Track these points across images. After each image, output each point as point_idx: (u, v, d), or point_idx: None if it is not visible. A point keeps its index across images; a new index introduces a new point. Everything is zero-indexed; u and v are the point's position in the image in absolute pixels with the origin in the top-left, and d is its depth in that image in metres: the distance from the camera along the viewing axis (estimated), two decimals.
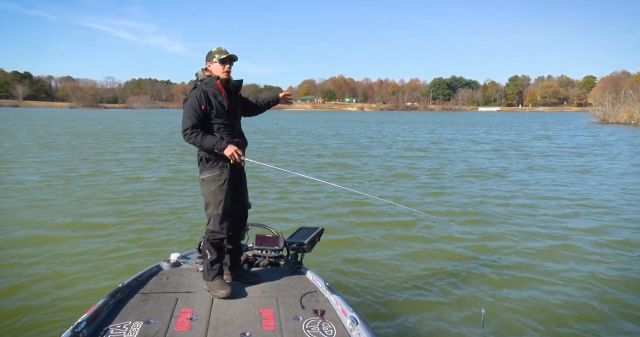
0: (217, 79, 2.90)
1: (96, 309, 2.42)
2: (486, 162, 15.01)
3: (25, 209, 7.66)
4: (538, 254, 5.58)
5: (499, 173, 12.43)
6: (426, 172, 12.56)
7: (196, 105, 2.83)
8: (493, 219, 7.36)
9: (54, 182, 10.30)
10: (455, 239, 6.18)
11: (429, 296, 4.40)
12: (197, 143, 2.85)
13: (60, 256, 5.39)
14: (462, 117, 75.96)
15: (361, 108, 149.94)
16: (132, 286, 2.87)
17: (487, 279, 4.81)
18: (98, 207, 7.86)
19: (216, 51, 2.93)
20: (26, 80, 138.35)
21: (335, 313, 2.57)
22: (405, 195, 9.29)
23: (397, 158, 16.14)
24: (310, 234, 3.31)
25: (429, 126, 40.91)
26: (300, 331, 2.34)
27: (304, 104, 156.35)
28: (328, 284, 2.89)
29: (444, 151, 18.66)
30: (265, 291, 2.88)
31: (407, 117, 67.56)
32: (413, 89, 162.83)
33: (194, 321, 2.42)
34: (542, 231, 6.62)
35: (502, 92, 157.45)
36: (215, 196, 2.90)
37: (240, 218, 3.16)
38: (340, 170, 13.10)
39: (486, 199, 8.84)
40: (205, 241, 2.94)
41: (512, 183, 10.81)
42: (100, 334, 2.25)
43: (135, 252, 5.52)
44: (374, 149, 19.76)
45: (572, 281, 4.68)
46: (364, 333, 2.25)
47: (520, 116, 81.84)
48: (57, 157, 14.90)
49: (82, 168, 12.58)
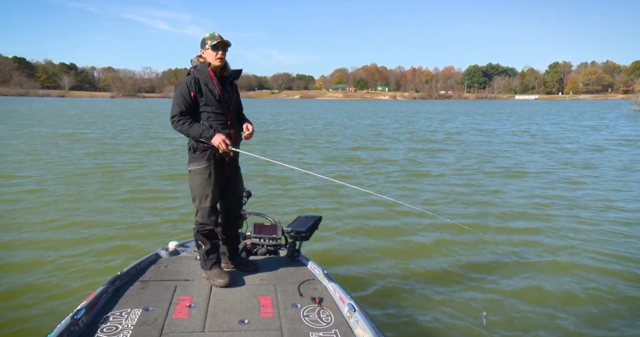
0: (209, 66, 2.80)
1: (95, 297, 2.44)
2: (538, 158, 13.07)
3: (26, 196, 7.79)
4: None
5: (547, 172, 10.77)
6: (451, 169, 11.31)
7: (185, 92, 2.74)
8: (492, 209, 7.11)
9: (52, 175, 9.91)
10: (456, 232, 5.96)
11: (428, 285, 4.40)
12: (184, 131, 2.76)
13: (59, 242, 5.42)
14: (501, 105, 71.98)
15: (393, 97, 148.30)
16: (131, 274, 2.88)
17: (490, 272, 4.72)
18: (100, 193, 8.00)
19: (209, 37, 2.81)
20: (72, 72, 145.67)
21: (333, 301, 2.58)
22: (416, 193, 8.59)
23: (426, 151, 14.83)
24: (309, 223, 3.30)
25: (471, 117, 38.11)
26: (298, 318, 2.36)
27: (336, 93, 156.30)
28: (326, 272, 2.91)
29: (482, 145, 16.69)
30: (263, 278, 2.91)
31: (440, 107, 63.85)
32: (447, 77, 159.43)
33: (193, 308, 2.44)
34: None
35: (540, 80, 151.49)
36: (202, 189, 2.83)
37: (234, 209, 3.10)
38: (352, 165, 12.02)
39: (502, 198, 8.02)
40: (196, 232, 2.91)
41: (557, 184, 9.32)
42: (100, 322, 2.25)
43: (134, 240, 5.56)
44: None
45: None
46: (362, 320, 2.25)
47: (560, 104, 77.60)
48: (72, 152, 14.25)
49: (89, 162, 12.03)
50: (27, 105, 52.50)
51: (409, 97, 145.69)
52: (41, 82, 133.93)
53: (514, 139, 18.76)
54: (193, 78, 2.77)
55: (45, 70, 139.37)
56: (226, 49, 2.83)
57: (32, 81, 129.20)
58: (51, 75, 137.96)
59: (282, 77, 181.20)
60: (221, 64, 2.82)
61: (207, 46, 2.79)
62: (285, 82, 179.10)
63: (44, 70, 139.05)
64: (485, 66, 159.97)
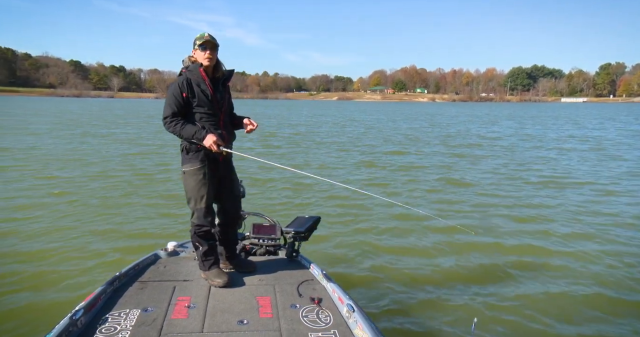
0: (200, 66, 2.79)
1: (94, 297, 2.43)
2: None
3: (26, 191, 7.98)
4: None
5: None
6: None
7: (177, 92, 2.73)
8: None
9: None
10: (455, 233, 5.96)
11: (427, 286, 4.42)
12: (177, 132, 2.75)
13: (58, 242, 5.42)
14: (549, 108, 68.24)
15: (432, 99, 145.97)
16: (130, 275, 2.87)
17: (488, 277, 4.67)
18: (101, 192, 8.14)
19: (198, 37, 2.80)
20: (121, 73, 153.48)
21: (332, 301, 2.58)
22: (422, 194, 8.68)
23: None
24: (308, 223, 3.29)
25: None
26: (297, 318, 2.36)
27: (374, 95, 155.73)
28: (325, 273, 2.90)
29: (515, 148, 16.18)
30: (262, 279, 2.90)
31: (482, 110, 61.29)
32: (489, 79, 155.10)
33: (192, 308, 2.44)
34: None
35: (590, 82, 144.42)
36: (197, 190, 2.83)
37: (232, 211, 3.08)
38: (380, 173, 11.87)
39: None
40: (193, 234, 2.90)
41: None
42: (98, 322, 2.25)
43: (133, 241, 5.58)
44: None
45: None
46: (361, 321, 2.25)
47: (612, 108, 73.03)
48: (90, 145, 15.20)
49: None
50: (79, 106, 55.79)
51: (449, 100, 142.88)
52: (93, 83, 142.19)
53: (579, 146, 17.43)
54: (185, 79, 2.76)
55: (97, 73, 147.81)
56: (215, 49, 2.81)
57: (86, 83, 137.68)
58: (102, 77, 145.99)
59: (320, 79, 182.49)
60: (211, 63, 2.81)
61: (196, 46, 2.79)
62: (323, 84, 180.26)
63: (96, 73, 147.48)
64: (530, 68, 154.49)
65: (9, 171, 10.16)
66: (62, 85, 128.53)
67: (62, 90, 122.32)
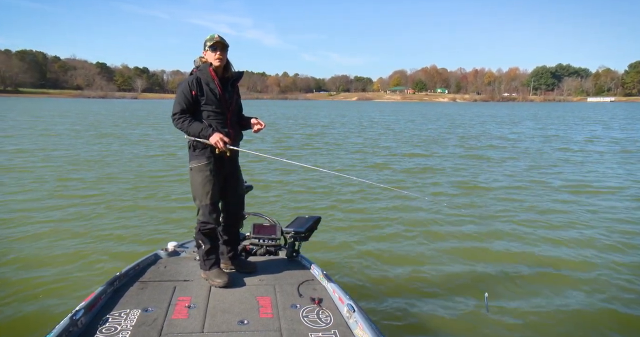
0: (210, 66, 2.88)
1: (94, 297, 2.43)
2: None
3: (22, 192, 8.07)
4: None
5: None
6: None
7: (187, 90, 2.83)
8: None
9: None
10: (453, 225, 5.95)
11: (427, 286, 4.42)
12: (184, 129, 2.84)
13: (57, 242, 5.44)
14: (576, 108, 65.54)
15: (453, 99, 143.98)
16: (130, 275, 2.88)
17: (492, 281, 4.63)
18: (101, 191, 8.22)
19: (208, 39, 2.89)
20: (144, 75, 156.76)
21: (333, 301, 2.59)
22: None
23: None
24: (308, 223, 3.31)
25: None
26: (297, 318, 2.36)
27: (393, 95, 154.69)
28: (325, 273, 2.91)
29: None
30: (262, 279, 2.91)
31: (504, 111, 59.62)
32: (511, 78, 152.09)
33: (192, 309, 2.45)
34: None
35: (618, 81, 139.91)
36: (203, 186, 2.88)
37: (235, 209, 3.12)
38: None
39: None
40: (197, 231, 2.93)
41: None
42: (99, 322, 2.26)
43: (133, 241, 5.60)
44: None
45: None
46: (361, 321, 2.25)
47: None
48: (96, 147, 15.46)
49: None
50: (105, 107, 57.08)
51: (470, 100, 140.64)
52: (118, 85, 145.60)
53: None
54: (195, 77, 2.85)
55: (122, 74, 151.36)
56: (225, 49, 2.90)
57: (111, 84, 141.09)
58: (126, 79, 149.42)
59: (340, 79, 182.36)
60: (221, 64, 2.90)
61: (207, 47, 2.88)
62: (343, 84, 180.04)
63: (121, 74, 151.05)
64: (555, 67, 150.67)
65: (16, 171, 10.31)
66: (88, 86, 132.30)
67: (88, 91, 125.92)
